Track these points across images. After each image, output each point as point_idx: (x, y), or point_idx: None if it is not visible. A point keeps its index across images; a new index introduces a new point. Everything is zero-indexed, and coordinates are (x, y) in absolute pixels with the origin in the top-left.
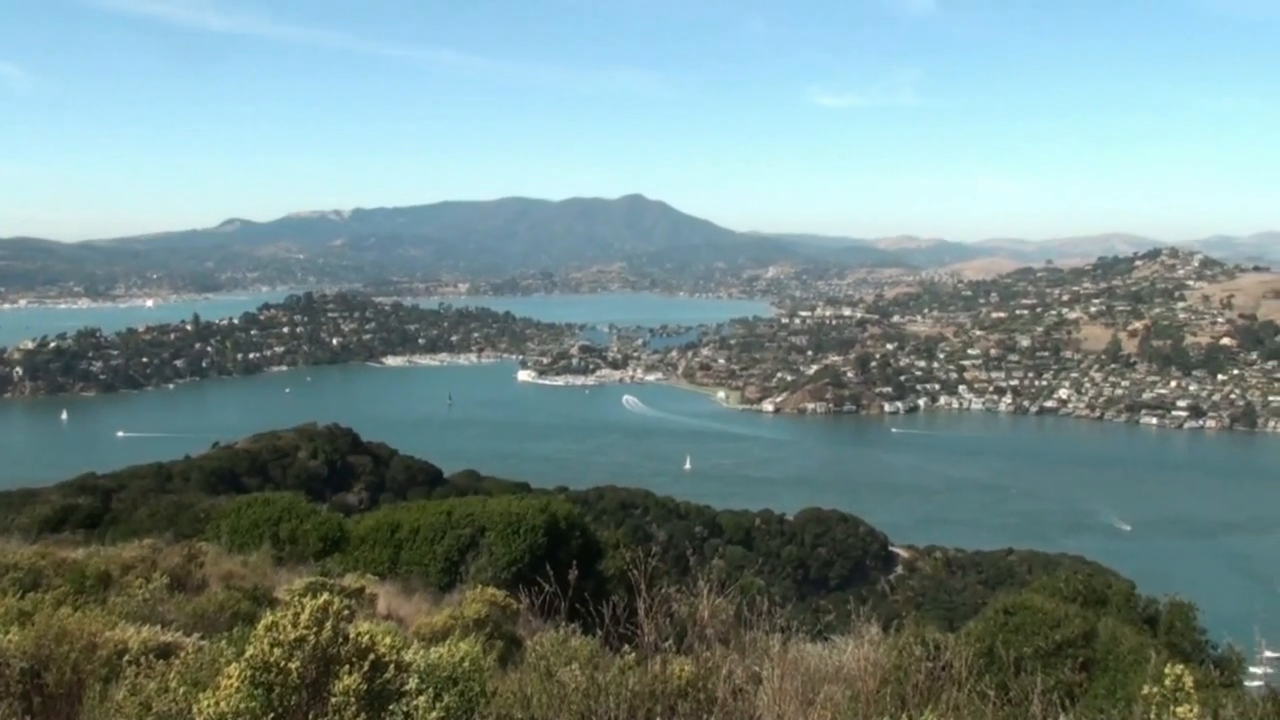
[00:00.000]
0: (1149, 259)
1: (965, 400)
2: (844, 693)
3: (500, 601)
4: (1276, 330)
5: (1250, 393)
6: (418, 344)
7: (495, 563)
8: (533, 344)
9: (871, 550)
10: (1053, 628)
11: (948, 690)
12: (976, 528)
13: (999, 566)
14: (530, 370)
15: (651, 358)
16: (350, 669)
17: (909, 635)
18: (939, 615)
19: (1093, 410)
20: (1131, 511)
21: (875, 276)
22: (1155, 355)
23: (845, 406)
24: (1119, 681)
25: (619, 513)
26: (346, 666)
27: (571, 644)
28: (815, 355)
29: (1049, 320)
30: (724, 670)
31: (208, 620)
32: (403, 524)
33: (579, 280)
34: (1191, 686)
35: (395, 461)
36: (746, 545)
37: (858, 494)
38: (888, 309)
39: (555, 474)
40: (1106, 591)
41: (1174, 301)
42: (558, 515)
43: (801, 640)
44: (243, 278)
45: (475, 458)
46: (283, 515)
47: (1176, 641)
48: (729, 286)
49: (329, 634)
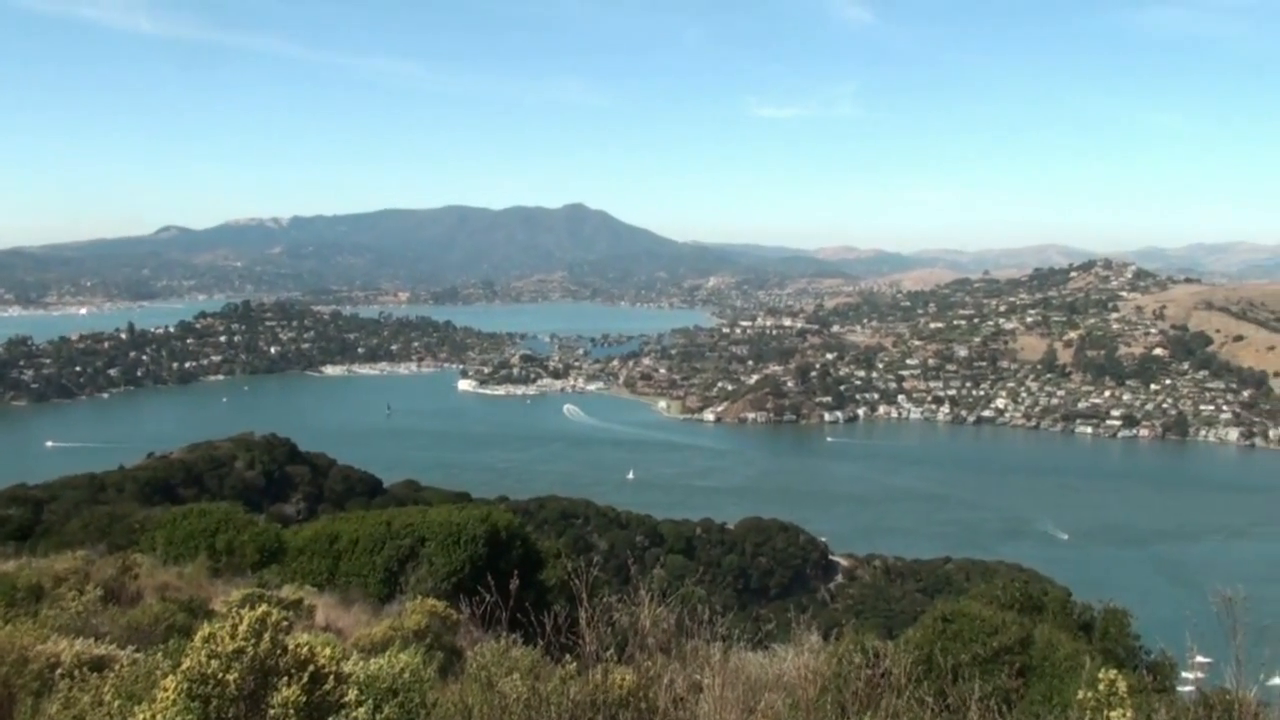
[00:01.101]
0: (1083, 270)
1: (904, 410)
2: (784, 701)
3: (440, 612)
4: (1207, 341)
5: (1182, 402)
6: (357, 353)
7: (435, 573)
8: (474, 353)
9: (812, 559)
10: (990, 635)
11: (887, 697)
12: (915, 536)
13: (937, 574)
14: (471, 380)
15: (593, 367)
16: (289, 681)
17: (848, 643)
18: (878, 623)
19: (1029, 419)
20: (1068, 520)
21: (815, 287)
22: (1090, 365)
23: (785, 416)
24: (1055, 687)
25: (560, 522)
26: (285, 678)
27: (512, 654)
28: (756, 365)
29: (986, 330)
30: (665, 679)
31: (143, 633)
32: (342, 534)
33: (520, 289)
34: (1125, 691)
35: (334, 472)
36: (688, 554)
37: (798, 503)
38: (828, 319)
39: (496, 484)
40: (1043, 598)
41: (1108, 312)
42: (498, 525)
43: (742, 649)
44: (179, 286)
45: (415, 468)
46: (219, 526)
47: (1111, 647)
48: (670, 296)
49: (267, 645)
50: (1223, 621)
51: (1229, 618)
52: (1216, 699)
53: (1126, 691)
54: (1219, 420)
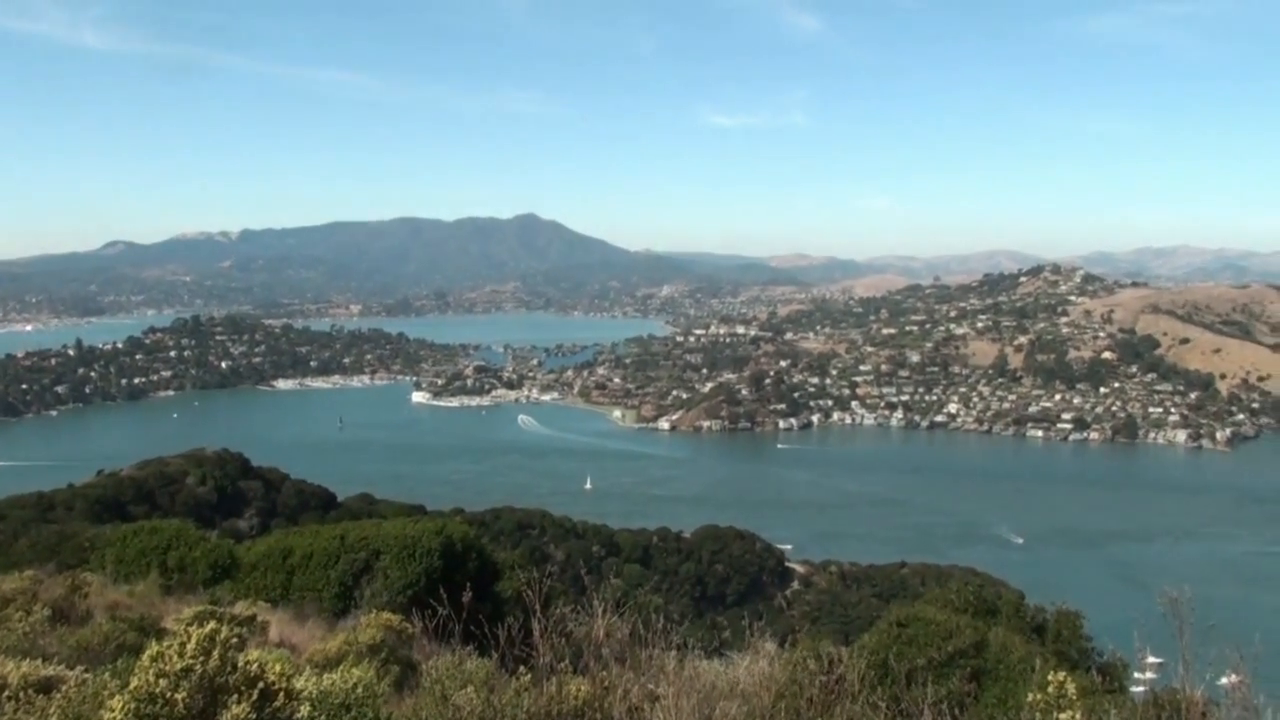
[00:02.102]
0: (1033, 275)
1: (858, 416)
2: (740, 709)
3: (395, 626)
4: (1154, 344)
5: (1131, 405)
6: (309, 367)
7: (390, 587)
8: (427, 365)
9: (768, 566)
10: (944, 639)
11: (842, 703)
12: (870, 541)
13: (892, 579)
14: (425, 392)
15: (547, 377)
16: (239, 698)
17: (804, 649)
18: (834, 629)
19: (981, 424)
20: (1021, 523)
21: (768, 294)
22: (1040, 369)
23: (740, 424)
24: (1008, 690)
25: (516, 534)
26: (235, 696)
27: (467, 667)
28: (710, 373)
29: (938, 336)
30: (620, 689)
31: (92, 652)
32: (295, 549)
33: (473, 300)
34: (1074, 693)
35: (287, 486)
36: (644, 563)
37: (754, 510)
38: (781, 326)
39: (452, 496)
40: (996, 602)
41: (1057, 317)
42: (453, 537)
43: (698, 657)
44: (127, 301)
45: (370, 481)
46: (171, 543)
47: (1064, 649)
48: (624, 305)
49: (216, 663)
50: (1171, 621)
51: (1177, 618)
52: (1166, 699)
53: (1076, 693)
54: (1167, 422)
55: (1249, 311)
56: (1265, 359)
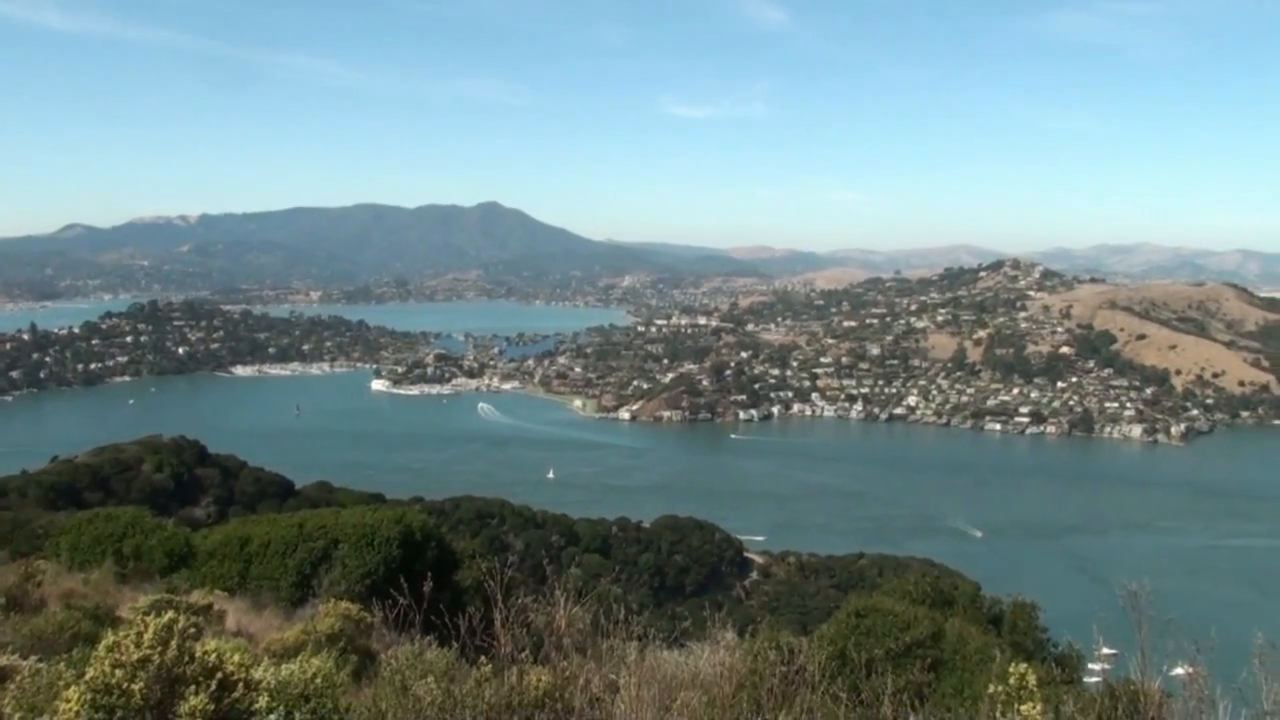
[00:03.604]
0: (992, 270)
1: (818, 407)
2: (700, 698)
3: (354, 615)
4: (1112, 340)
5: (1088, 399)
6: (268, 353)
7: (349, 576)
8: (387, 353)
9: (727, 556)
10: (902, 629)
11: (802, 693)
12: (829, 532)
13: (850, 570)
14: (385, 379)
15: (508, 366)
16: (196, 689)
17: (763, 640)
18: (793, 619)
19: (940, 417)
20: (978, 515)
21: (730, 285)
22: (999, 363)
23: (701, 414)
24: (966, 681)
25: (476, 523)
26: (193, 686)
27: (427, 657)
28: (671, 363)
29: (898, 329)
30: (581, 679)
31: (46, 642)
32: (253, 537)
33: (434, 288)
34: (1034, 684)
35: (245, 474)
36: (604, 553)
37: (714, 501)
38: (742, 318)
39: (411, 484)
40: (953, 593)
41: (1016, 311)
42: (413, 526)
43: (658, 647)
44: (84, 285)
45: (328, 469)
46: (126, 531)
47: (1020, 640)
48: (585, 295)
49: (174, 653)
50: (1128, 614)
51: (1134, 610)
52: (1122, 690)
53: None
54: (1123, 417)
55: (1205, 309)
56: (1220, 355)
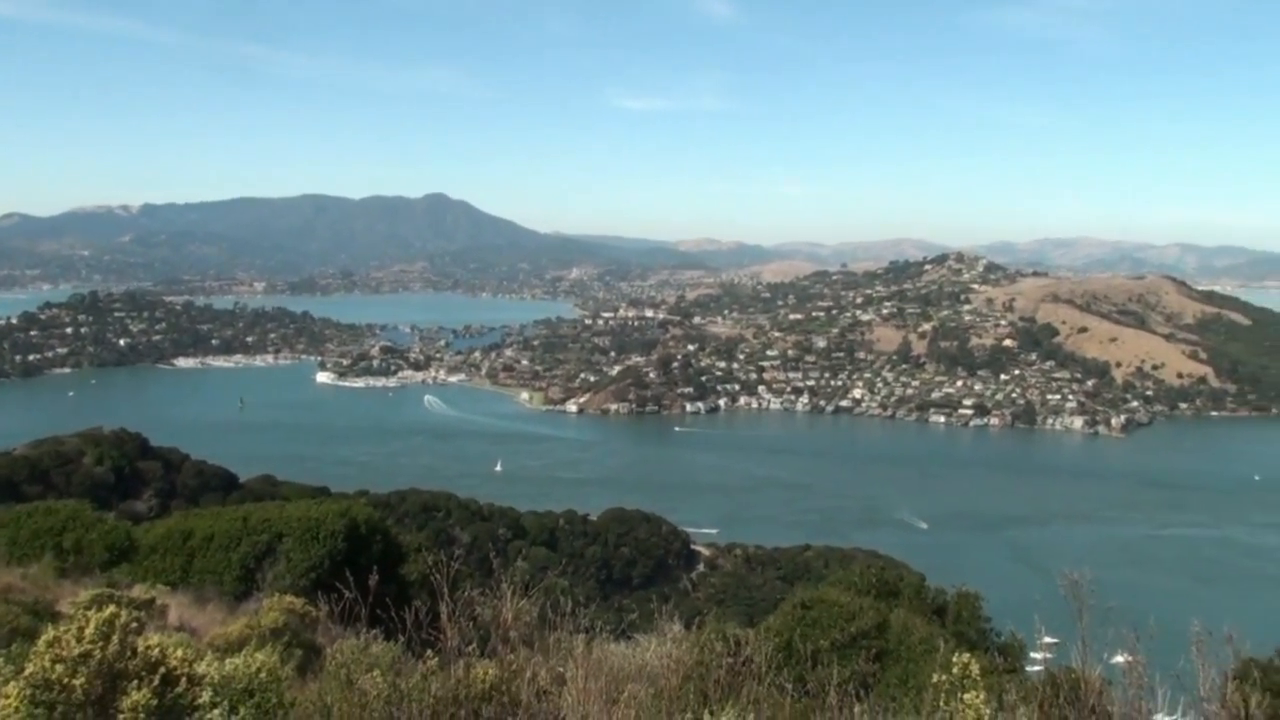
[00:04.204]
0: (937, 263)
1: (764, 400)
2: (647, 690)
3: (299, 609)
4: (1053, 332)
5: (1030, 392)
6: (211, 345)
7: (293, 569)
8: (332, 345)
9: (674, 549)
10: (848, 620)
11: (748, 684)
12: (775, 524)
13: (797, 562)
14: (330, 372)
15: (454, 359)
16: (139, 684)
17: (710, 632)
18: (739, 611)
19: (885, 409)
20: (923, 507)
21: (677, 278)
22: (943, 356)
23: (648, 407)
24: (910, 670)
25: (421, 516)
26: (135, 681)
27: (372, 651)
28: (618, 356)
29: (844, 322)
30: (528, 673)
31: None
32: (196, 531)
33: (380, 280)
34: (978, 674)
35: (187, 467)
36: (551, 546)
37: (661, 493)
38: (689, 310)
39: (357, 478)
40: (898, 584)
41: (960, 304)
42: (358, 520)
43: (605, 640)
44: (21, 275)
45: (273, 462)
46: (66, 524)
47: (963, 630)
48: (532, 287)
49: (116, 648)
50: (1069, 603)
51: (1075, 599)
52: (1063, 678)
53: (979, 674)
54: (1065, 409)
55: (1144, 302)
56: (1159, 348)
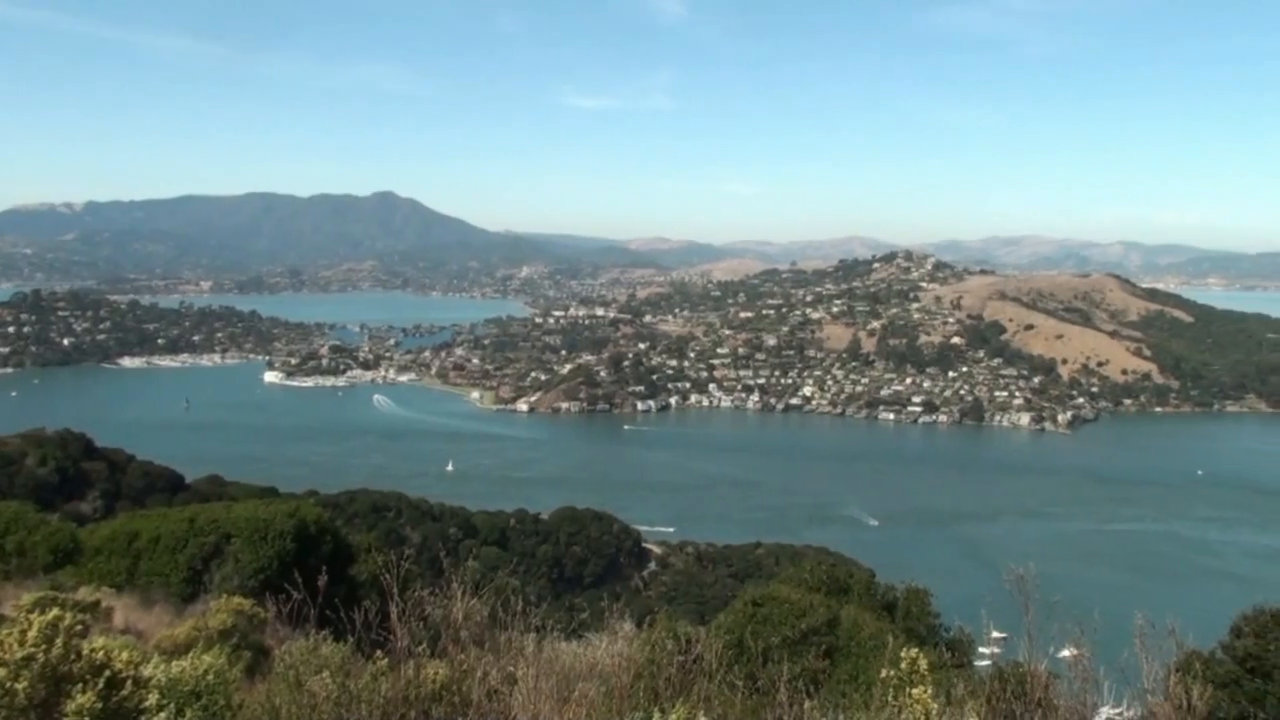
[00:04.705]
0: (886, 261)
1: (715, 398)
2: (598, 689)
3: (247, 610)
4: (1001, 330)
5: (978, 388)
6: (157, 344)
7: (241, 571)
8: (280, 344)
9: (625, 547)
10: (798, 617)
11: (699, 682)
12: (726, 522)
13: (748, 559)
14: (278, 371)
15: (404, 358)
16: (84, 687)
17: (661, 629)
18: (690, 609)
19: (835, 407)
20: (873, 503)
21: (628, 277)
22: (892, 353)
23: (599, 405)
24: (860, 666)
25: (371, 516)
26: (80, 685)
27: (322, 652)
28: (569, 355)
29: (794, 320)
30: (478, 672)
31: None
32: (142, 532)
33: (328, 279)
34: (926, 669)
35: (133, 468)
36: (502, 545)
37: (613, 492)
38: (640, 309)
39: (306, 478)
40: (848, 581)
41: (909, 302)
42: (307, 520)
43: (556, 639)
44: None
45: (220, 462)
46: (9, 526)
47: (913, 626)
48: (483, 286)
49: (60, 651)
50: (1016, 598)
51: (1021, 594)
52: (1011, 672)
53: (927, 669)
54: (1012, 406)
55: (1090, 299)
56: (1104, 345)
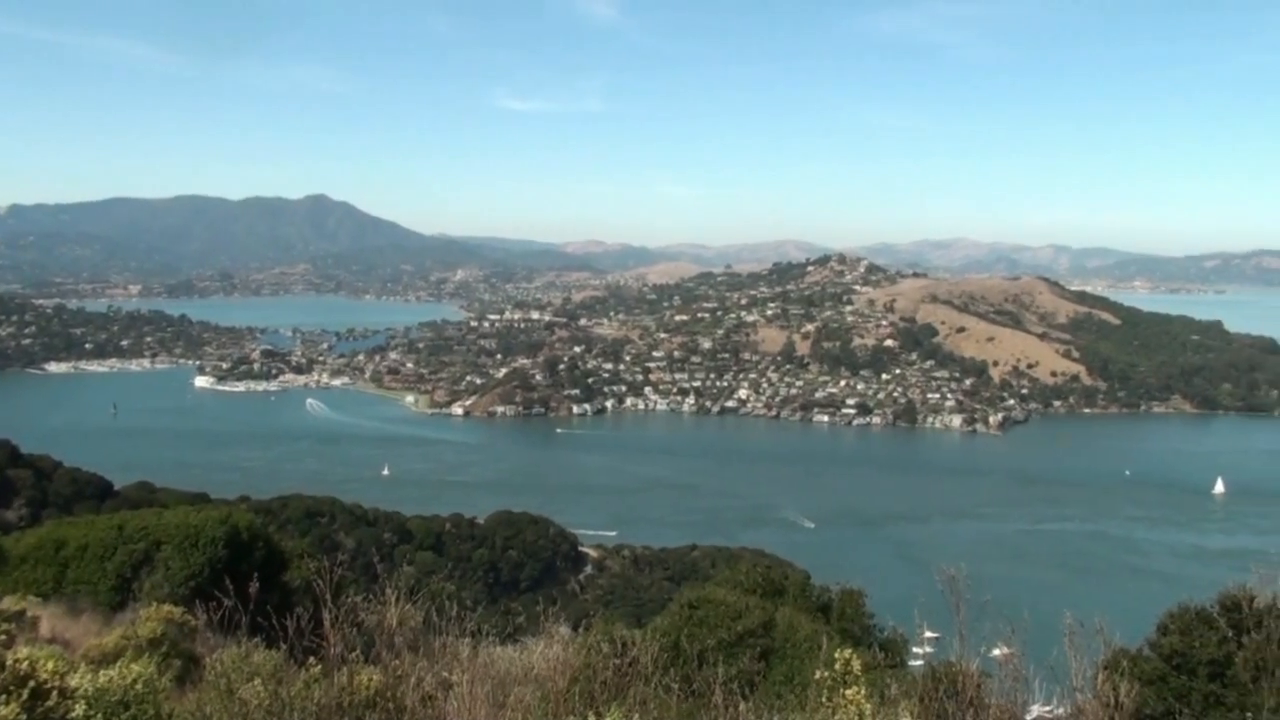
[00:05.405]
0: (819, 265)
1: (651, 401)
2: (534, 694)
3: (177, 618)
4: (933, 332)
5: (911, 391)
6: (84, 349)
7: (172, 578)
8: (211, 349)
9: (562, 551)
10: (734, 619)
11: (635, 685)
12: (662, 525)
13: (684, 562)
14: (209, 376)
15: (338, 362)
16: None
17: (597, 633)
18: (627, 612)
19: (770, 409)
20: (808, 505)
21: (563, 280)
22: (826, 356)
23: (534, 409)
24: (795, 668)
25: (305, 522)
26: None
27: (253, 659)
28: (504, 358)
29: (729, 323)
30: (413, 678)
31: None
32: (69, 540)
33: (260, 282)
34: (859, 669)
35: (60, 474)
36: (437, 550)
37: (549, 495)
38: (575, 312)
39: (238, 484)
40: (784, 582)
41: (842, 305)
42: (239, 526)
43: (492, 643)
44: None
45: (150, 469)
46: None
47: (847, 627)
48: (417, 289)
49: None
50: (948, 598)
51: (953, 594)
52: (943, 672)
53: (861, 669)
54: (944, 408)
55: (1020, 302)
56: (1034, 347)
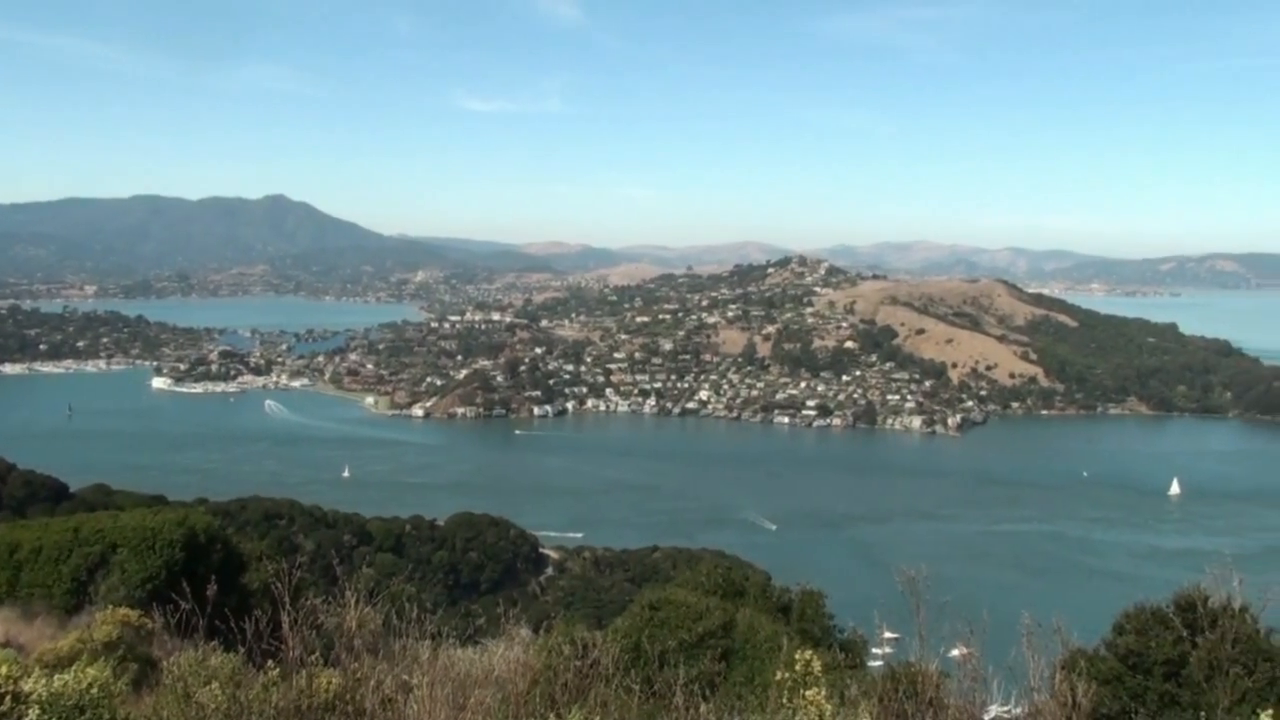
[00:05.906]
0: (780, 267)
1: (612, 403)
2: (495, 695)
3: (134, 622)
4: (893, 334)
5: (870, 392)
6: (39, 350)
7: (128, 581)
8: (168, 350)
9: (522, 552)
10: (695, 620)
11: (596, 687)
12: (623, 527)
13: (645, 564)
14: (166, 377)
15: (297, 363)
16: None
17: (558, 635)
18: (587, 614)
19: (731, 411)
20: (769, 506)
21: (524, 281)
22: (786, 358)
23: (495, 410)
24: (756, 669)
25: (264, 524)
26: None
27: (211, 663)
28: (465, 360)
29: (690, 324)
30: (373, 681)
31: None
32: (23, 543)
33: (218, 283)
34: (820, 670)
35: (14, 477)
36: (397, 552)
37: (509, 497)
38: (536, 313)
39: (196, 486)
40: (744, 584)
41: (803, 307)
42: (196, 528)
43: (452, 646)
44: None
45: (106, 471)
46: None
47: (808, 628)
48: (377, 290)
49: None
50: (908, 599)
51: (913, 595)
52: (903, 672)
53: (821, 670)
54: (904, 409)
55: (979, 304)
56: (992, 349)
